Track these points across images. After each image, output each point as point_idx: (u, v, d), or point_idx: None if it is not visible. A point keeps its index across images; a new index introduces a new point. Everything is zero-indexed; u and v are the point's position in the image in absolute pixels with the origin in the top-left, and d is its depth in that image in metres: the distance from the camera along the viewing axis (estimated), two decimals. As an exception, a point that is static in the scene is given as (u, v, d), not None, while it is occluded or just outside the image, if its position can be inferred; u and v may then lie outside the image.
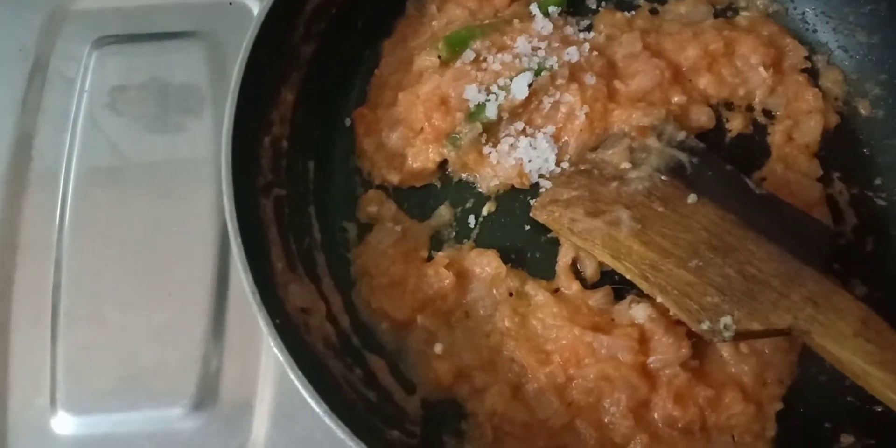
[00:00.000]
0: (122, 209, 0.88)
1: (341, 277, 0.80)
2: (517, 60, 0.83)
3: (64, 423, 0.79)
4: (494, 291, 0.78)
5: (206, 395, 0.79)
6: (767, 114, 0.89)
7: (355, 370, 0.73)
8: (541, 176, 0.83)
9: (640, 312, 0.74)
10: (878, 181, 0.86)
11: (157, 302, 0.83)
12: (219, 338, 0.82)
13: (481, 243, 0.82)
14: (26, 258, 0.85)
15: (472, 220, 0.83)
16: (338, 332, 0.75)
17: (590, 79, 0.84)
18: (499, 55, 0.84)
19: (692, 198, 0.75)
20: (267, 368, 0.80)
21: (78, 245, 0.86)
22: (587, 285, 0.79)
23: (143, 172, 0.89)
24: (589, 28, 0.92)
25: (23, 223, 0.87)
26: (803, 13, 0.93)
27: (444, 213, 0.84)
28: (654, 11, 0.94)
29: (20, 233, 0.87)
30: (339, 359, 0.72)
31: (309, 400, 0.60)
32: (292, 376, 0.61)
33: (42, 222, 0.87)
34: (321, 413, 0.60)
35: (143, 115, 0.93)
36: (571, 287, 0.78)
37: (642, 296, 0.75)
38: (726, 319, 0.67)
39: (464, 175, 0.85)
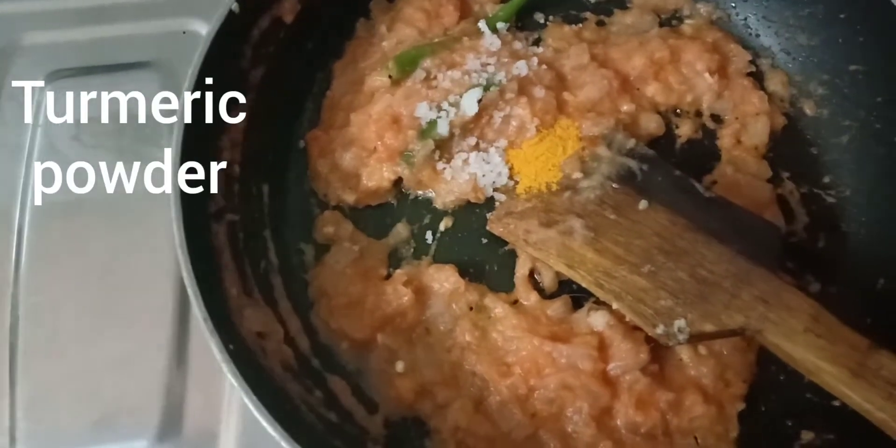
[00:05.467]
0: (79, 242, 0.87)
1: (299, 300, 0.79)
2: (466, 77, 0.84)
3: (25, 462, 0.77)
4: (454, 306, 0.78)
5: (170, 427, 0.78)
6: (715, 118, 0.90)
7: (315, 392, 0.72)
8: (495, 189, 0.83)
9: (598, 320, 0.75)
10: (826, 179, 0.87)
11: (118, 334, 0.82)
12: (182, 367, 0.81)
13: (439, 259, 0.82)
14: (-19, 298, 0.84)
15: (429, 236, 0.83)
16: (296, 355, 0.75)
17: (539, 92, 0.85)
18: (449, 72, 0.84)
19: (643, 204, 0.76)
20: (231, 396, 0.79)
21: (35, 281, 0.85)
22: (546, 295, 0.79)
23: (100, 204, 0.88)
24: (538, 42, 0.93)
25: (-23, 262, 0.85)
26: (745, 18, 0.95)
27: (401, 230, 0.84)
28: (600, 23, 0.95)
29: (-26, 272, 0.85)
30: (297, 381, 0.71)
31: (265, 424, 0.60)
32: (247, 401, 0.60)
33: (-2, 260, 0.86)
34: (277, 437, 0.59)
35: (101, 146, 0.92)
36: (530, 298, 0.78)
37: (600, 303, 0.75)
38: (680, 322, 0.68)
39: (419, 192, 0.85)
